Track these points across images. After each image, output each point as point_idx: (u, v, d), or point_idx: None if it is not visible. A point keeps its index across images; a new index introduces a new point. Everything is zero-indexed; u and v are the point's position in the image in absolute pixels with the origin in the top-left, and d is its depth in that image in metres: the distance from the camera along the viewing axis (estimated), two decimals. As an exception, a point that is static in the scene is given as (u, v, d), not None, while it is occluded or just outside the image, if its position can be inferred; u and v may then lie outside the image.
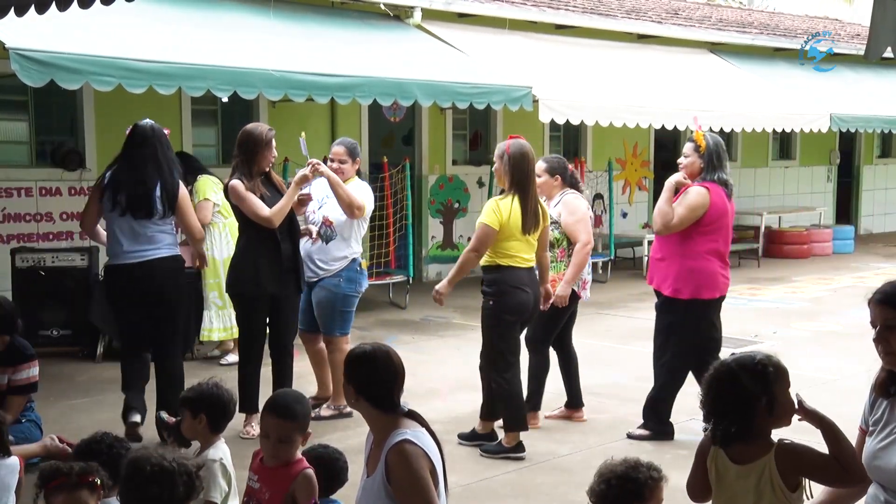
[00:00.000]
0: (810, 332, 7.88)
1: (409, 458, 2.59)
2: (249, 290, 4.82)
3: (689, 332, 4.77)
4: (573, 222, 5.02)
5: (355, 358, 2.77)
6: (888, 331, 2.42)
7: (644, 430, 4.96)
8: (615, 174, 11.33)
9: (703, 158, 4.73)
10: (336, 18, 8.69)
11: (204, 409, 3.11)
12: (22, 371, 4.21)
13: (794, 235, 12.93)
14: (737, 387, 2.36)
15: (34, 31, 5.68)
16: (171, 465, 2.34)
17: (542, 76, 9.10)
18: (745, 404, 2.36)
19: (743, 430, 2.38)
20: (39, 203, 7.79)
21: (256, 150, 4.77)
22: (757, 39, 12.79)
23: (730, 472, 2.41)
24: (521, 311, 4.65)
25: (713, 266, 4.74)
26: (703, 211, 4.66)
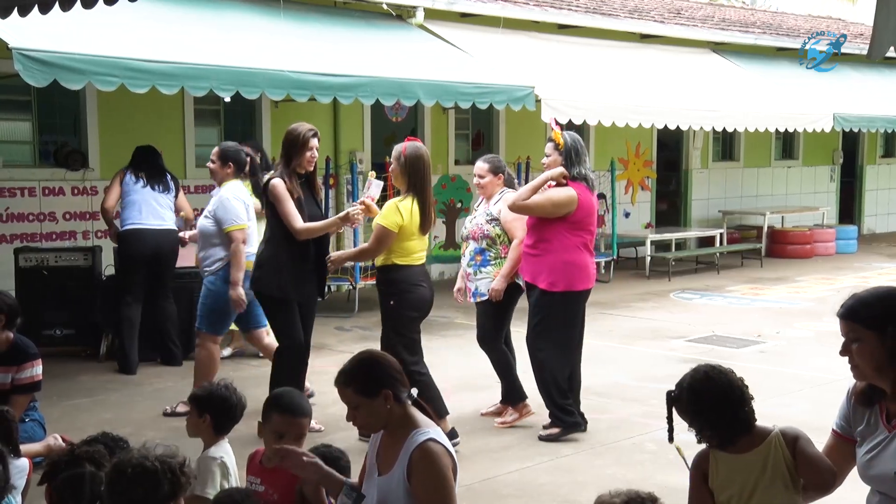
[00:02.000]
0: (813, 332, 7.87)
1: (435, 459, 2.57)
2: (274, 292, 4.83)
3: (564, 324, 4.92)
4: (511, 220, 5.14)
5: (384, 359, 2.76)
6: (851, 343, 2.45)
7: (554, 429, 4.95)
8: (618, 174, 11.33)
9: (563, 155, 4.91)
10: (338, 18, 8.70)
11: (210, 409, 3.12)
12: (26, 370, 4.21)
13: (797, 235, 12.92)
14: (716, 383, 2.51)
15: (37, 32, 5.69)
16: (153, 464, 2.32)
17: (544, 76, 9.09)
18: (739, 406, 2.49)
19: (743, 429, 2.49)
20: (43, 203, 7.80)
21: (293, 150, 4.79)
22: (760, 39, 12.78)
23: (739, 464, 2.48)
24: (422, 306, 4.79)
25: (585, 259, 4.94)
26: (567, 210, 4.86)
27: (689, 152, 13.15)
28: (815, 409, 5.22)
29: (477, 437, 5.04)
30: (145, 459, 2.34)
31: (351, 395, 2.64)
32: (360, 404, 2.63)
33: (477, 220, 5.31)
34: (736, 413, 2.49)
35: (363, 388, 2.62)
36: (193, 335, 6.74)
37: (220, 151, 5.60)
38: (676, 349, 7.18)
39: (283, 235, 4.77)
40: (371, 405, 2.62)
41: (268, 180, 4.82)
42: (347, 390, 2.65)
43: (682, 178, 13.30)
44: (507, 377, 5.28)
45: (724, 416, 2.48)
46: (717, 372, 2.53)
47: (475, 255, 5.26)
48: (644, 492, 2.41)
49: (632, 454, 4.78)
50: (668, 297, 9.66)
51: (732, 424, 2.49)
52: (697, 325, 8.15)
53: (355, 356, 2.79)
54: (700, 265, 11.80)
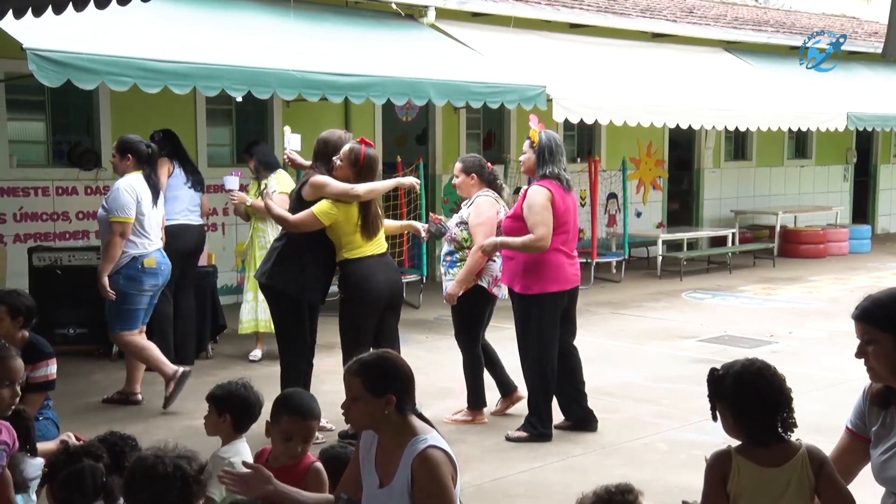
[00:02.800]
0: (826, 332, 7.82)
1: (436, 466, 2.52)
2: (293, 292, 4.81)
3: (544, 327, 4.85)
4: (475, 224, 5.15)
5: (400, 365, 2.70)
6: (866, 346, 2.42)
7: (523, 433, 4.92)
8: (629, 173, 11.30)
9: (536, 152, 4.92)
10: (350, 18, 8.71)
11: (230, 409, 3.13)
12: (40, 369, 4.23)
13: (810, 235, 12.84)
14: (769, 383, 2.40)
15: (51, 32, 5.72)
16: (164, 468, 2.32)
17: (556, 75, 9.08)
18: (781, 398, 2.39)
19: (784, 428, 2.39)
20: (56, 202, 7.85)
21: (333, 154, 4.81)
22: (773, 38, 12.71)
23: (765, 479, 2.37)
24: (375, 301, 4.77)
25: (559, 259, 4.85)
26: (551, 204, 4.78)
27: (702, 152, 13.10)
28: (828, 409, 5.18)
29: (486, 437, 5.03)
30: (160, 462, 2.35)
31: (356, 386, 2.58)
32: (361, 398, 2.57)
33: (452, 221, 5.36)
34: (777, 416, 2.38)
35: (371, 385, 2.57)
36: (205, 335, 6.81)
37: (118, 144, 5.65)
38: (688, 349, 7.16)
39: (308, 235, 4.76)
40: (370, 403, 2.57)
41: (305, 181, 4.81)
42: (356, 380, 2.59)
43: (694, 178, 13.25)
44: (473, 380, 5.27)
45: (766, 416, 2.37)
46: (771, 371, 2.42)
47: (445, 256, 5.33)
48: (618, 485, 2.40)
49: (643, 454, 4.76)
50: (680, 297, 9.63)
51: (770, 428, 2.37)
52: (709, 325, 8.11)
53: (377, 352, 2.76)
54: (712, 265, 11.75)
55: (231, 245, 8.94)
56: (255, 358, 6.65)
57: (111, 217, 5.37)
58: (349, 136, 4.96)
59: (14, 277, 6.84)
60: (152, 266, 5.51)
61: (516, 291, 4.90)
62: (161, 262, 5.62)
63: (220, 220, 8.84)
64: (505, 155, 10.79)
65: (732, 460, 2.40)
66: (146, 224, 5.50)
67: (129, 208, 5.39)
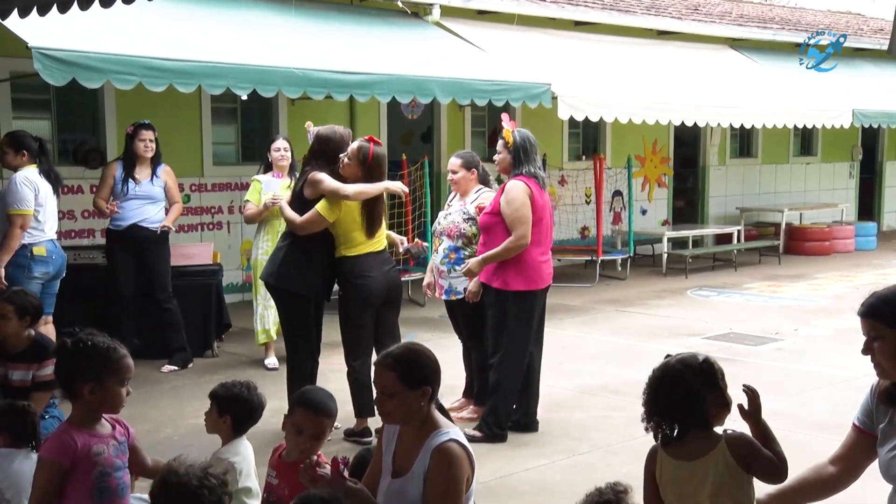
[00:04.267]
0: (832, 329, 7.80)
1: (452, 460, 2.51)
2: (301, 290, 4.82)
3: (518, 325, 4.82)
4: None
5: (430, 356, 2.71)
6: (872, 342, 2.42)
7: (477, 433, 4.83)
8: (634, 171, 11.28)
9: (511, 152, 4.87)
10: (355, 16, 8.71)
11: (231, 410, 3.13)
12: (46, 367, 4.23)
13: (816, 232, 12.81)
14: (682, 389, 2.45)
15: (56, 31, 5.71)
16: (197, 490, 2.33)
17: (561, 73, 9.07)
18: (692, 403, 2.44)
19: (692, 426, 2.45)
20: (62, 201, 7.81)
21: (335, 152, 4.80)
22: (778, 35, 12.67)
23: (682, 471, 2.45)
24: (369, 299, 4.78)
25: (536, 257, 4.83)
26: (530, 200, 4.75)
27: (707, 149, 13.07)
28: (834, 407, 5.18)
29: (493, 435, 5.03)
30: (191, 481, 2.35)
31: (392, 381, 2.55)
32: (398, 393, 2.55)
33: (452, 217, 5.28)
34: (684, 411, 2.43)
35: (407, 378, 2.55)
36: (210, 333, 6.81)
37: (11, 140, 5.73)
38: (693, 347, 7.14)
39: (314, 233, 4.76)
40: (407, 396, 2.55)
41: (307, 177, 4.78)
42: (390, 374, 2.56)
43: (700, 175, 13.22)
44: (484, 375, 5.24)
45: (670, 410, 2.44)
46: (678, 366, 2.49)
47: (449, 252, 5.24)
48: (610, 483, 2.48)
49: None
50: (685, 295, 9.62)
51: (680, 422, 2.44)
52: (715, 322, 8.10)
53: (405, 345, 2.75)
54: (717, 262, 11.73)
55: (236, 243, 8.94)
56: (273, 366, 6.41)
57: (10, 210, 5.52)
58: (349, 133, 4.95)
59: (20, 276, 6.85)
60: (42, 254, 5.65)
61: (494, 287, 4.83)
62: (52, 251, 5.75)
63: (224, 218, 8.84)
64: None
65: (658, 455, 2.51)
66: (41, 215, 5.67)
67: (28, 201, 5.55)
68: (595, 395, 5.81)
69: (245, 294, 9.01)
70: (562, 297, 9.35)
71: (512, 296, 4.79)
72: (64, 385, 2.70)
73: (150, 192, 6.39)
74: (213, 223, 8.80)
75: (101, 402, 2.69)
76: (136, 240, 6.35)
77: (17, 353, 4.19)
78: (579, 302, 9.12)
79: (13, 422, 3.31)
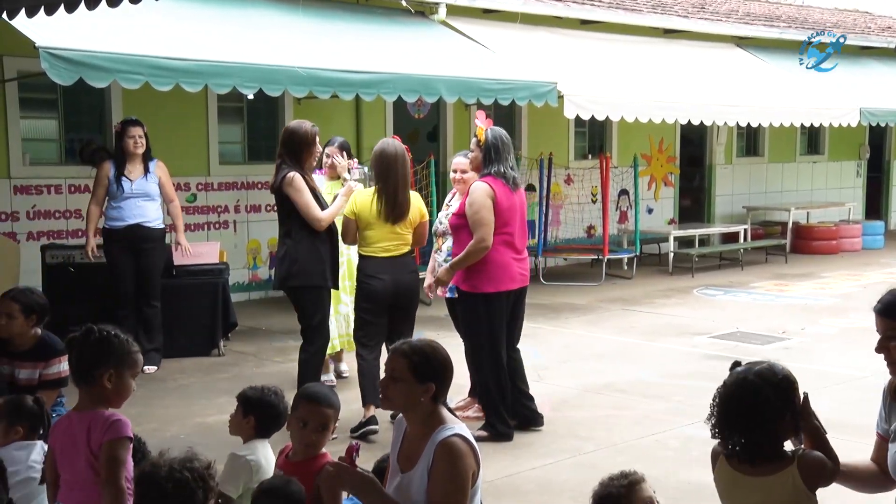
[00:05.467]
0: (839, 328, 7.78)
1: (457, 454, 2.51)
2: (318, 282, 4.90)
3: (490, 326, 4.82)
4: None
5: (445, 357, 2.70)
6: (888, 341, 2.40)
7: (483, 433, 4.82)
8: (640, 170, 11.25)
9: (483, 150, 4.86)
10: (361, 15, 8.71)
11: (256, 412, 3.18)
12: (53, 366, 4.25)
13: (823, 231, 12.76)
14: (760, 402, 2.29)
15: (63, 31, 5.73)
16: (182, 474, 2.39)
17: (567, 72, 9.05)
18: (768, 421, 2.29)
19: (766, 445, 2.31)
20: (69, 200, 7.88)
21: (302, 149, 4.87)
22: (785, 33, 12.62)
23: (740, 485, 2.35)
24: (373, 297, 4.89)
25: (505, 258, 4.81)
26: (492, 202, 4.73)
27: (713, 148, 13.03)
28: (841, 406, 5.16)
29: (499, 434, 5.03)
30: (174, 470, 2.40)
31: (401, 367, 2.58)
32: (403, 380, 2.57)
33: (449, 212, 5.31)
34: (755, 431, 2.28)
35: (416, 368, 2.58)
36: (217, 332, 6.82)
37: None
38: (700, 346, 7.13)
39: (307, 229, 4.84)
40: (411, 387, 2.56)
41: (283, 176, 4.82)
42: (402, 360, 2.59)
43: (706, 174, 13.19)
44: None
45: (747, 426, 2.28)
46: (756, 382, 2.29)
47: (452, 252, 5.24)
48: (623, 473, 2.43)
49: (655, 451, 4.75)
50: (692, 294, 9.59)
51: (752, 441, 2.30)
52: (721, 321, 8.08)
53: (426, 339, 2.76)
54: (724, 261, 11.70)
55: (242, 242, 8.96)
56: (345, 373, 6.19)
57: None
58: (316, 130, 4.97)
59: (27, 275, 6.86)
60: None
61: (463, 290, 4.85)
62: None
63: (230, 217, 8.86)
64: (516, 152, 10.75)
65: (719, 458, 2.42)
66: None
67: None
68: (601, 394, 5.80)
69: (251, 293, 9.04)
70: (568, 296, 9.34)
71: (481, 298, 4.79)
72: (82, 372, 2.80)
73: (146, 189, 6.37)
74: (220, 222, 8.82)
75: (115, 390, 2.79)
76: (135, 239, 6.35)
77: (23, 352, 4.20)
78: (585, 301, 9.11)
79: (29, 416, 3.35)
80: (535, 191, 10.67)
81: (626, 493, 2.39)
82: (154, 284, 6.47)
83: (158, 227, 6.46)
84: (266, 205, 8.98)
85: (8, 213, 7.63)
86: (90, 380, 2.77)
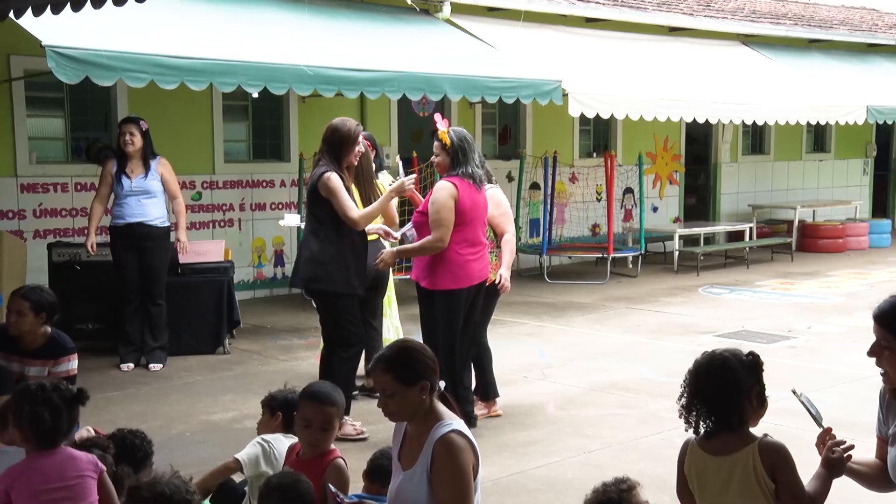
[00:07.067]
0: (846, 327, 7.74)
1: (456, 450, 2.53)
2: (343, 289, 4.79)
3: (451, 322, 4.82)
4: (498, 214, 5.17)
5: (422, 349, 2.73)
6: (881, 349, 2.42)
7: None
8: (645, 168, 11.23)
9: (450, 154, 4.82)
10: (365, 13, 8.71)
11: (283, 409, 3.33)
12: (62, 364, 4.25)
13: (829, 229, 12.72)
14: (729, 375, 2.39)
15: (69, 29, 5.74)
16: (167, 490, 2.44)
17: (571, 70, 9.03)
18: (736, 393, 2.38)
19: (730, 420, 2.39)
20: (75, 198, 7.90)
21: (343, 147, 4.78)
22: (791, 31, 12.58)
23: (709, 467, 2.42)
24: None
25: (462, 257, 4.80)
26: (454, 202, 4.72)
27: (719, 146, 13.00)
28: (848, 405, 5.14)
29: (504, 432, 5.02)
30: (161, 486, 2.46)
31: (389, 383, 2.60)
32: (397, 392, 2.59)
33: None
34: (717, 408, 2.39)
35: (402, 377, 2.59)
36: (222, 330, 6.83)
37: None
38: (705, 344, 7.06)
39: (338, 231, 4.73)
40: (406, 394, 2.59)
41: (319, 175, 4.74)
42: (386, 377, 2.61)
43: (711, 172, 13.16)
44: (486, 372, 5.27)
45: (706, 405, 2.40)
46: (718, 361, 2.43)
47: None
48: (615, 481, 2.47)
49: (660, 450, 4.73)
50: (697, 292, 9.57)
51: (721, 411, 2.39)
52: (726, 320, 8.05)
53: (394, 344, 2.78)
54: (729, 260, 11.66)
55: (247, 241, 8.97)
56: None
57: None
58: (360, 129, 4.91)
59: (34, 273, 6.88)
60: None
61: (423, 287, 4.84)
62: None
63: (235, 215, 8.87)
64: (521, 150, 10.75)
65: (689, 447, 2.49)
66: None
67: None
68: (606, 393, 5.78)
69: (256, 291, 9.05)
70: (573, 295, 9.33)
71: (439, 294, 4.79)
72: None
73: (146, 187, 6.35)
74: (225, 220, 8.83)
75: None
76: (137, 237, 6.35)
77: (34, 350, 4.20)
78: (590, 299, 9.09)
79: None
80: (539, 189, 10.67)
81: (625, 497, 2.43)
82: (159, 283, 6.47)
83: (161, 226, 6.46)
84: (271, 203, 8.99)
85: (15, 211, 7.66)
86: None
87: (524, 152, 10.64)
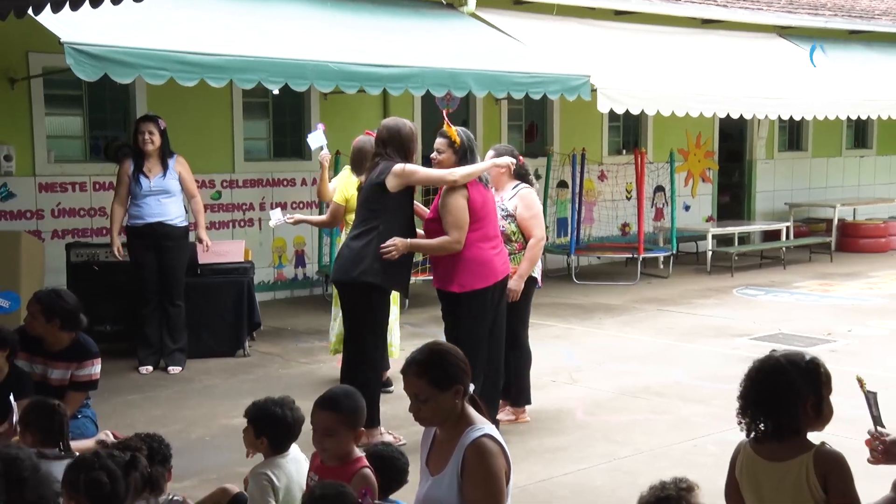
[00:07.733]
0: (888, 330, 7.50)
1: (488, 455, 2.50)
2: (396, 287, 4.82)
3: (478, 323, 4.67)
4: (528, 217, 5.05)
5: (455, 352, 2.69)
6: None
7: None
8: (677, 165, 11.00)
9: (458, 153, 4.69)
10: (388, 8, 8.58)
11: (266, 432, 3.07)
12: (85, 367, 4.24)
13: (871, 228, 12.40)
14: (781, 380, 2.35)
15: (88, 26, 5.71)
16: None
17: (600, 64, 8.86)
18: (787, 399, 2.34)
19: (781, 426, 2.34)
20: (93, 198, 7.85)
21: (410, 145, 4.75)
22: (830, 22, 12.22)
23: (761, 471, 2.36)
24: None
25: (486, 255, 4.68)
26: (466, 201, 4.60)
27: (754, 142, 12.71)
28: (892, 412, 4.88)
29: (532, 438, 4.87)
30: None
31: (423, 387, 2.56)
32: (431, 397, 2.57)
33: None
34: (772, 412, 2.34)
35: (437, 381, 2.56)
36: (242, 332, 6.71)
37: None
38: (740, 347, 6.88)
39: (396, 231, 4.62)
40: (441, 398, 2.56)
41: (391, 166, 4.60)
42: (420, 381, 2.57)
43: (746, 170, 12.87)
44: (521, 376, 5.13)
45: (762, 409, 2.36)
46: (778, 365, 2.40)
47: None
48: (674, 478, 2.40)
49: (693, 456, 4.56)
50: (731, 294, 9.32)
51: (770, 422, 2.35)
52: (762, 322, 7.81)
53: (427, 346, 2.71)
54: (765, 260, 11.39)
55: (268, 241, 8.87)
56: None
57: None
58: (414, 126, 4.89)
59: (52, 273, 6.83)
60: None
61: (453, 291, 4.69)
62: None
63: (255, 215, 8.76)
64: (548, 147, 10.57)
65: (742, 449, 2.45)
66: None
67: None
68: (637, 398, 5.61)
69: (276, 292, 8.94)
70: (602, 296, 9.14)
71: (471, 296, 4.65)
72: None
73: (164, 186, 6.26)
74: (245, 220, 8.73)
75: None
76: (156, 237, 6.27)
77: (58, 352, 4.19)
78: (620, 301, 8.90)
79: (42, 419, 3.25)
80: (567, 187, 10.48)
81: (685, 496, 2.36)
82: (177, 283, 6.38)
83: (181, 225, 6.36)
84: (292, 202, 8.88)
85: (33, 210, 7.62)
86: None
87: (551, 149, 10.46)
